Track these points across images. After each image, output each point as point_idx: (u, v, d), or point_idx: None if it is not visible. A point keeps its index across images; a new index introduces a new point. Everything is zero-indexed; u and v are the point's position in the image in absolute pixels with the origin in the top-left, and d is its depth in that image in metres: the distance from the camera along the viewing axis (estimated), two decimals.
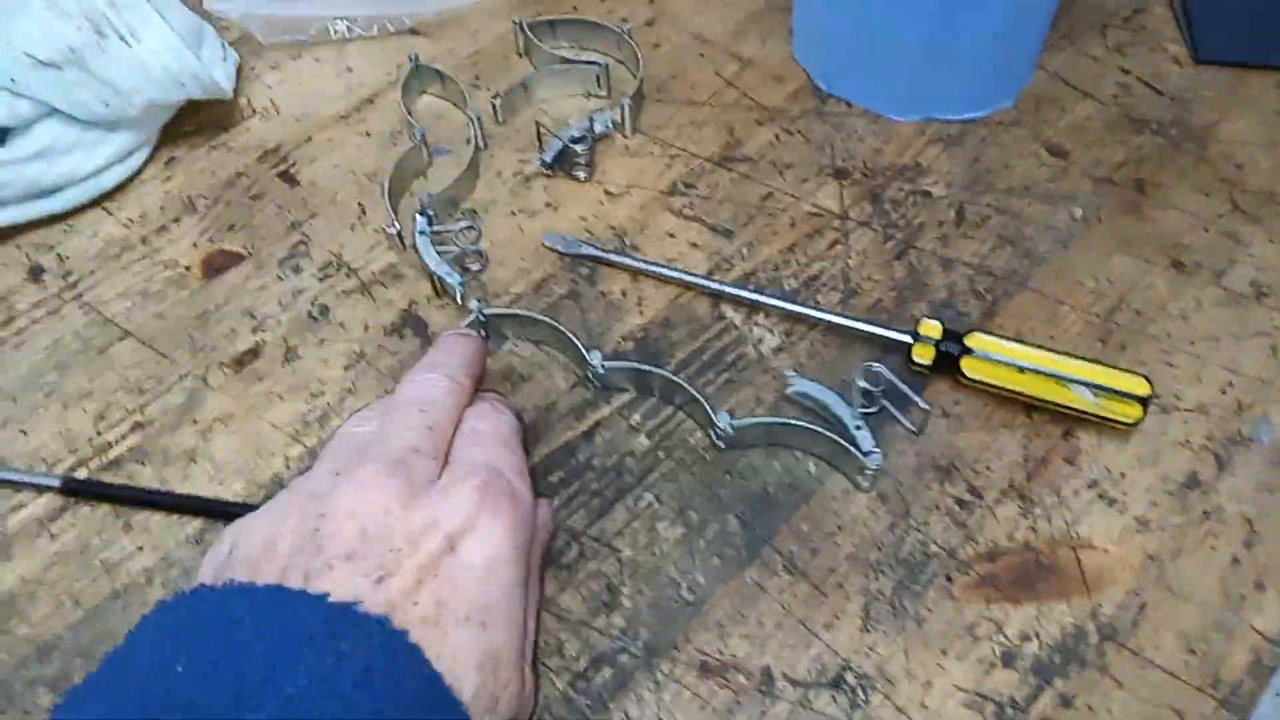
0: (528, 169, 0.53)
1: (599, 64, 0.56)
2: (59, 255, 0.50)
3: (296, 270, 0.49)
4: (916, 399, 0.42)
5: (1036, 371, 0.42)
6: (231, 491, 0.42)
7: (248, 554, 0.30)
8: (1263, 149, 0.53)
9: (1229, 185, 0.51)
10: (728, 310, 0.47)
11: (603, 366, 0.43)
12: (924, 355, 0.43)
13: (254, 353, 0.46)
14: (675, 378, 0.43)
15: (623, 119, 0.54)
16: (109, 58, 0.49)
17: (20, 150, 0.49)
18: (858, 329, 0.45)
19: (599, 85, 0.57)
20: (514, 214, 0.52)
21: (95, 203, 0.52)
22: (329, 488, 0.31)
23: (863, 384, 0.42)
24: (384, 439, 0.33)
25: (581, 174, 0.53)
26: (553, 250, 0.50)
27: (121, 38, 0.49)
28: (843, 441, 0.40)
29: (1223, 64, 0.58)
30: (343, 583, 0.28)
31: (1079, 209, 0.51)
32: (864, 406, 0.43)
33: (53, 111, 0.50)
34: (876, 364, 0.42)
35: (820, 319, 0.46)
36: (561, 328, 0.44)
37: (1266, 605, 0.38)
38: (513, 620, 0.31)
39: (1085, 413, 0.42)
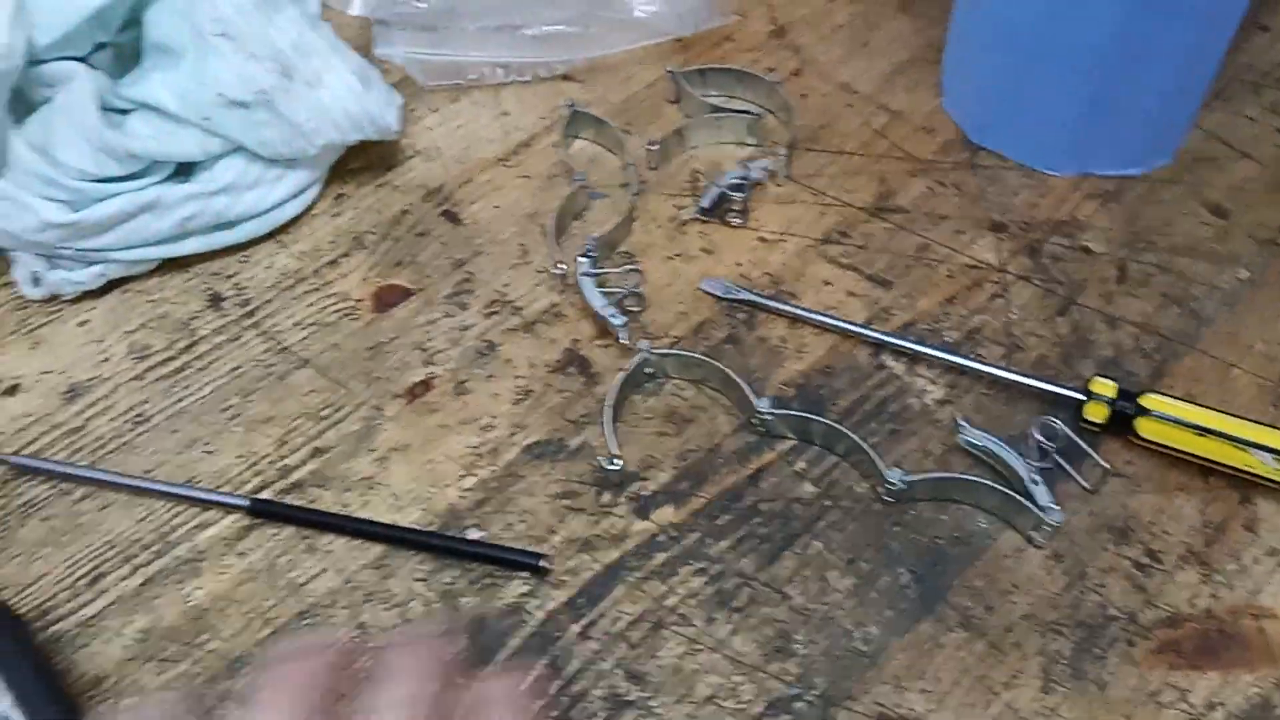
0: (683, 214, 0.54)
1: (754, 113, 0.57)
2: (236, 285, 0.52)
3: (463, 307, 0.51)
4: (1095, 456, 0.42)
5: (1216, 434, 0.41)
6: (409, 519, 0.43)
7: None
8: None
9: None
10: (888, 360, 0.48)
11: (771, 413, 0.44)
12: (1097, 414, 0.43)
13: (425, 385, 0.47)
14: (844, 429, 0.43)
15: (778, 168, 0.55)
16: (294, 100, 0.51)
17: (209, 184, 0.51)
18: (1027, 384, 0.45)
19: (750, 134, 0.58)
20: (670, 258, 0.53)
21: (271, 235, 0.54)
22: None
23: (1039, 438, 0.42)
24: None
25: (736, 220, 0.54)
26: (710, 295, 0.51)
27: (307, 82, 0.51)
28: (1019, 497, 0.40)
29: None
30: None
31: (1244, 270, 0.50)
32: (1039, 462, 0.42)
33: (238, 149, 0.52)
34: (1054, 420, 0.42)
35: (987, 372, 0.46)
36: (730, 372, 0.45)
37: None
38: None
39: (1264, 478, 0.41)
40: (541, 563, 0.40)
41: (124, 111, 0.52)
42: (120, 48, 0.54)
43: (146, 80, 0.51)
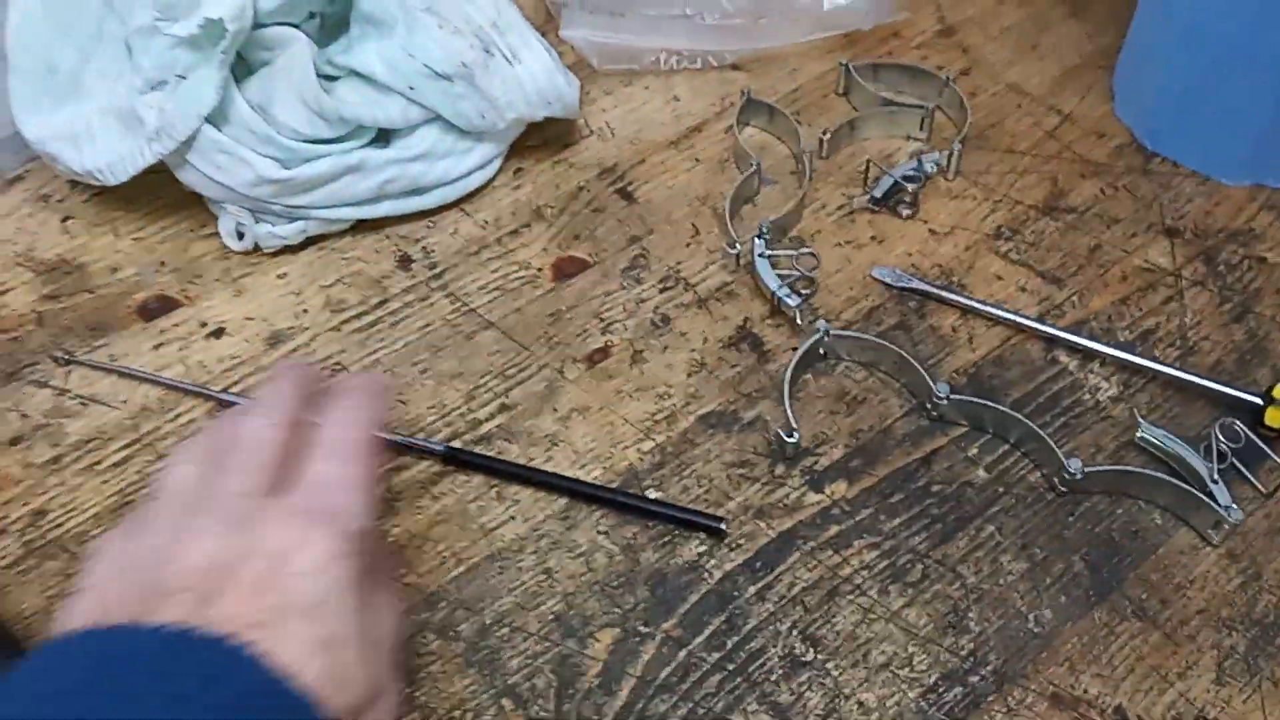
0: (853, 203, 0.56)
1: (925, 107, 0.58)
2: (425, 248, 0.55)
3: (638, 281, 0.53)
4: (1277, 459, 0.42)
5: None
6: (591, 475, 0.45)
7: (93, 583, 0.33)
8: None
9: None
10: (1062, 355, 0.48)
11: (947, 398, 0.45)
12: (1277, 419, 0.43)
13: (604, 352, 0.50)
14: (1021, 417, 0.44)
15: (949, 162, 0.56)
16: (492, 75, 0.53)
17: (406, 151, 0.54)
18: (1205, 386, 0.45)
19: (921, 128, 0.59)
20: (840, 245, 0.54)
21: (456, 203, 0.57)
22: (172, 538, 0.33)
23: (1221, 439, 0.42)
24: (218, 485, 0.35)
25: (906, 212, 0.55)
26: (881, 282, 0.52)
27: (505, 57, 0.54)
28: (1199, 494, 0.41)
29: None
30: (174, 611, 0.30)
31: None
32: (1217, 463, 0.43)
33: (435, 119, 0.55)
34: (1236, 422, 0.43)
35: (1164, 373, 0.46)
36: (907, 356, 0.46)
37: None
38: (345, 609, 0.32)
39: None
40: (721, 525, 0.42)
41: (331, 78, 0.55)
42: (327, 18, 0.57)
43: (358, 49, 0.54)
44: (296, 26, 0.54)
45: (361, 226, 0.56)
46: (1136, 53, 0.58)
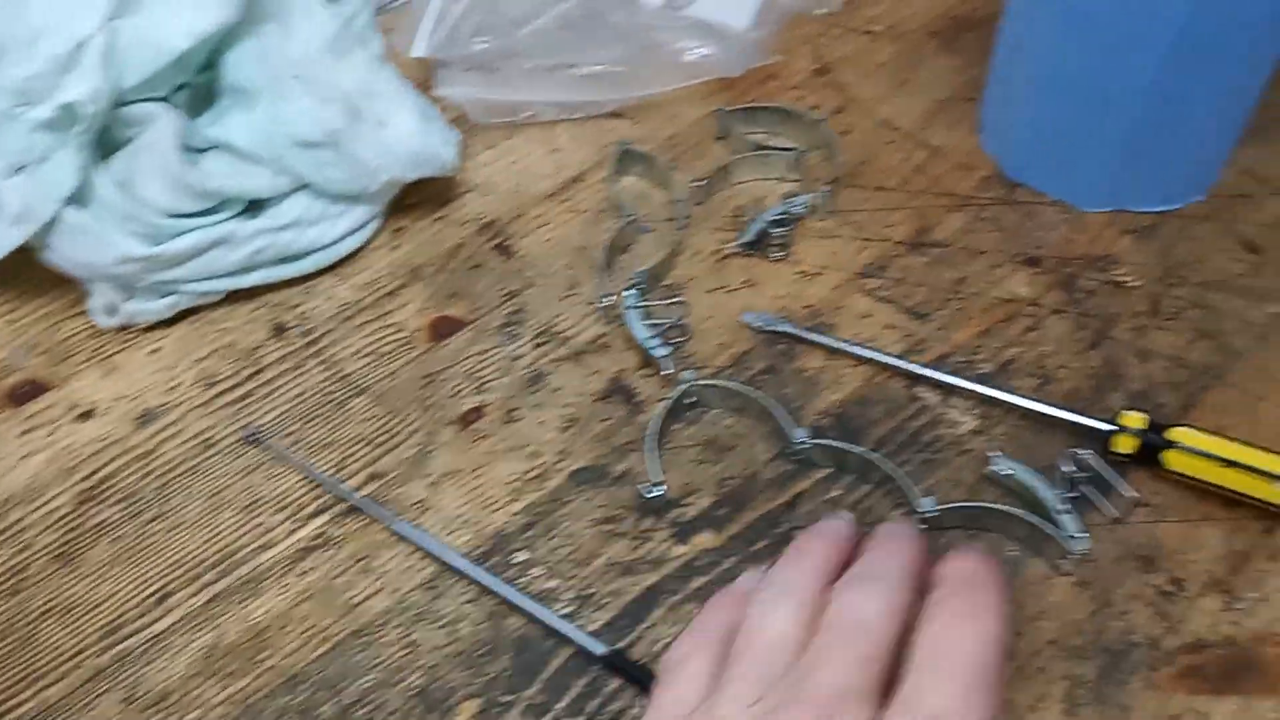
0: (726, 248, 0.56)
1: (797, 150, 0.59)
2: (300, 315, 0.55)
3: (514, 338, 0.53)
4: (1122, 487, 0.43)
5: (1242, 467, 0.42)
6: (460, 541, 0.45)
7: None
8: None
9: None
10: (923, 392, 0.49)
11: (806, 442, 0.45)
12: (1126, 446, 0.44)
13: (477, 413, 0.50)
14: (876, 458, 0.45)
15: (819, 203, 0.57)
16: (360, 140, 0.54)
17: (276, 219, 0.54)
18: (1057, 416, 0.46)
19: (793, 170, 0.60)
20: (713, 291, 0.55)
21: (332, 268, 0.57)
22: None
23: (1068, 469, 0.43)
24: (810, 671, 0.29)
25: (777, 255, 0.56)
26: (751, 327, 0.52)
27: (373, 122, 0.54)
28: (1047, 526, 0.41)
29: None
30: None
31: (1276, 306, 0.51)
32: (1067, 492, 0.44)
33: (305, 186, 0.55)
34: (1083, 451, 0.44)
35: (1019, 404, 0.47)
36: (766, 403, 0.47)
37: None
38: None
39: None
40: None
41: (200, 150, 0.55)
42: (198, 88, 0.57)
43: (224, 120, 0.54)
44: (164, 99, 0.55)
45: (236, 296, 0.56)
46: (996, 87, 0.59)
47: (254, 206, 0.56)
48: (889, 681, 0.29)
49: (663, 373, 0.50)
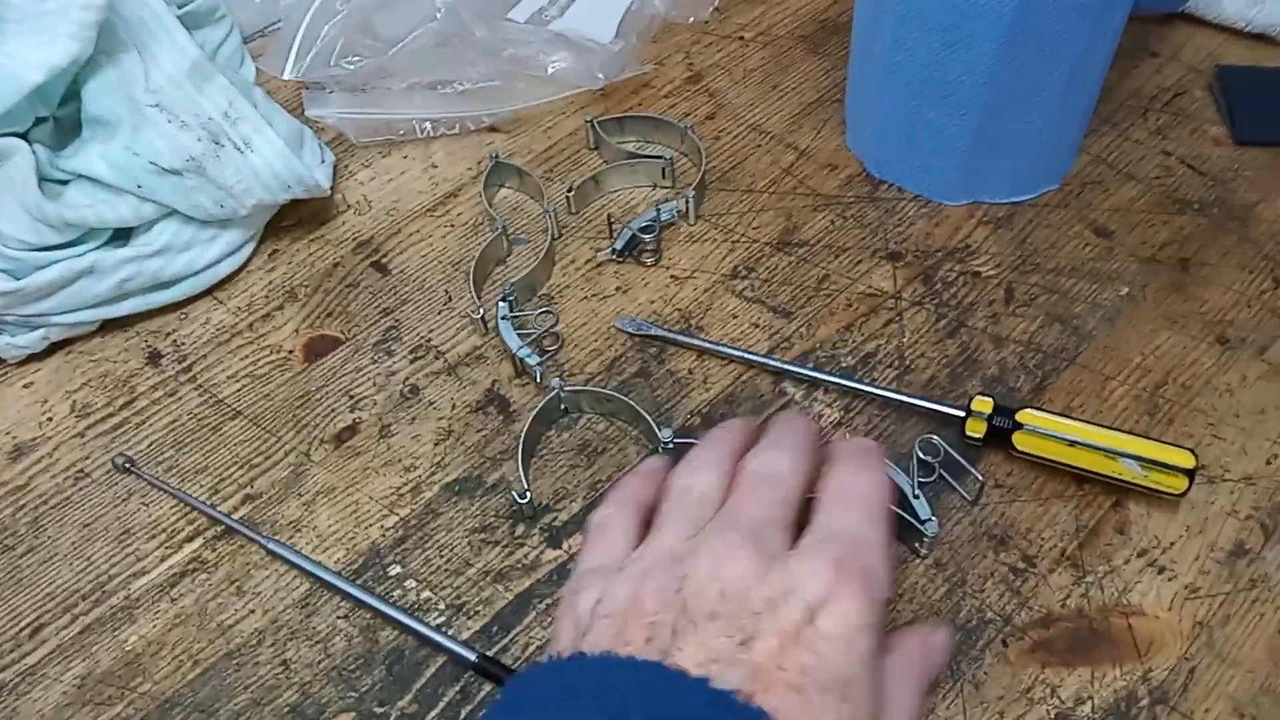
0: (599, 256, 0.57)
1: (664, 158, 0.60)
2: (175, 341, 0.55)
3: (389, 354, 0.53)
4: (972, 470, 0.44)
5: (1085, 446, 0.44)
6: (334, 558, 0.45)
7: (612, 608, 0.31)
8: None
9: (1271, 263, 0.54)
10: (789, 387, 0.51)
11: (672, 441, 0.47)
12: (977, 430, 0.46)
13: (352, 430, 0.50)
14: None
15: (687, 208, 0.58)
16: (224, 165, 0.54)
17: (144, 247, 0.54)
18: (913, 404, 0.48)
19: (664, 177, 0.61)
20: (586, 298, 0.55)
21: (207, 292, 0.57)
22: (687, 550, 0.32)
23: (921, 455, 0.45)
24: (734, 508, 0.33)
25: (649, 260, 0.57)
26: (623, 332, 0.53)
27: (236, 147, 0.54)
28: (901, 512, 0.43)
29: (1263, 145, 0.60)
30: (707, 642, 0.28)
31: (1125, 288, 0.53)
32: (922, 477, 0.45)
33: (173, 212, 0.55)
34: (934, 437, 0.45)
35: (877, 394, 0.48)
36: (634, 405, 0.48)
37: None
38: (871, 696, 0.29)
39: (1133, 484, 0.44)
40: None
41: (64, 182, 0.55)
42: (61, 120, 0.57)
43: (84, 152, 0.54)
44: (24, 135, 0.54)
45: (111, 326, 0.55)
46: (855, 88, 0.61)
47: (123, 236, 0.55)
48: (800, 528, 0.33)
49: (534, 381, 0.51)
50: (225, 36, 0.66)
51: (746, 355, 0.51)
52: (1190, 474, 0.43)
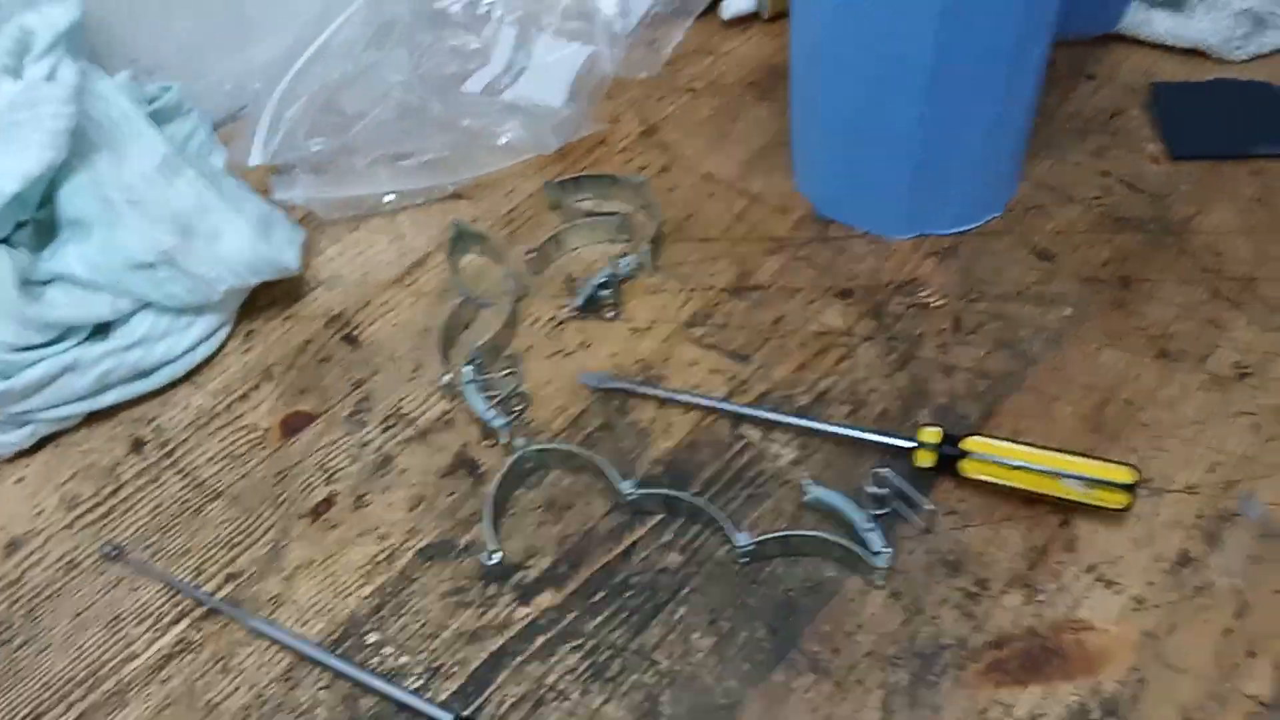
0: (562, 314, 0.59)
1: (619, 214, 0.62)
2: (157, 427, 0.57)
3: (362, 424, 0.55)
4: (921, 501, 0.46)
5: (1029, 469, 0.45)
6: (315, 630, 0.47)
7: None
8: (1240, 236, 0.57)
9: (1209, 274, 0.55)
10: (747, 430, 0.52)
11: (634, 493, 0.48)
12: (926, 459, 0.48)
13: (328, 503, 0.52)
14: (695, 500, 0.47)
15: (644, 261, 0.60)
16: (195, 255, 0.56)
17: (123, 340, 0.56)
18: (865, 438, 0.49)
19: (621, 232, 0.63)
20: (550, 357, 0.57)
21: (186, 377, 0.59)
22: None
23: (871, 489, 0.46)
24: None
25: (610, 314, 0.59)
26: (587, 387, 0.55)
27: (206, 237, 0.56)
28: (854, 545, 0.44)
29: (1198, 158, 0.62)
30: None
31: (1068, 308, 0.55)
32: (877, 509, 0.47)
33: (149, 303, 0.57)
34: (884, 469, 0.47)
35: (831, 432, 0.50)
36: (595, 460, 0.50)
37: (1258, 672, 0.41)
38: None
39: (1080, 502, 0.45)
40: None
41: (44, 283, 0.57)
42: (39, 223, 0.59)
43: (61, 253, 0.56)
44: (6, 239, 0.57)
45: (95, 417, 0.57)
46: (799, 133, 0.63)
47: (103, 329, 0.57)
48: None
49: (501, 442, 0.53)
50: (194, 129, 0.68)
51: (705, 401, 0.53)
52: (1132, 489, 0.44)
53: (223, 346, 0.60)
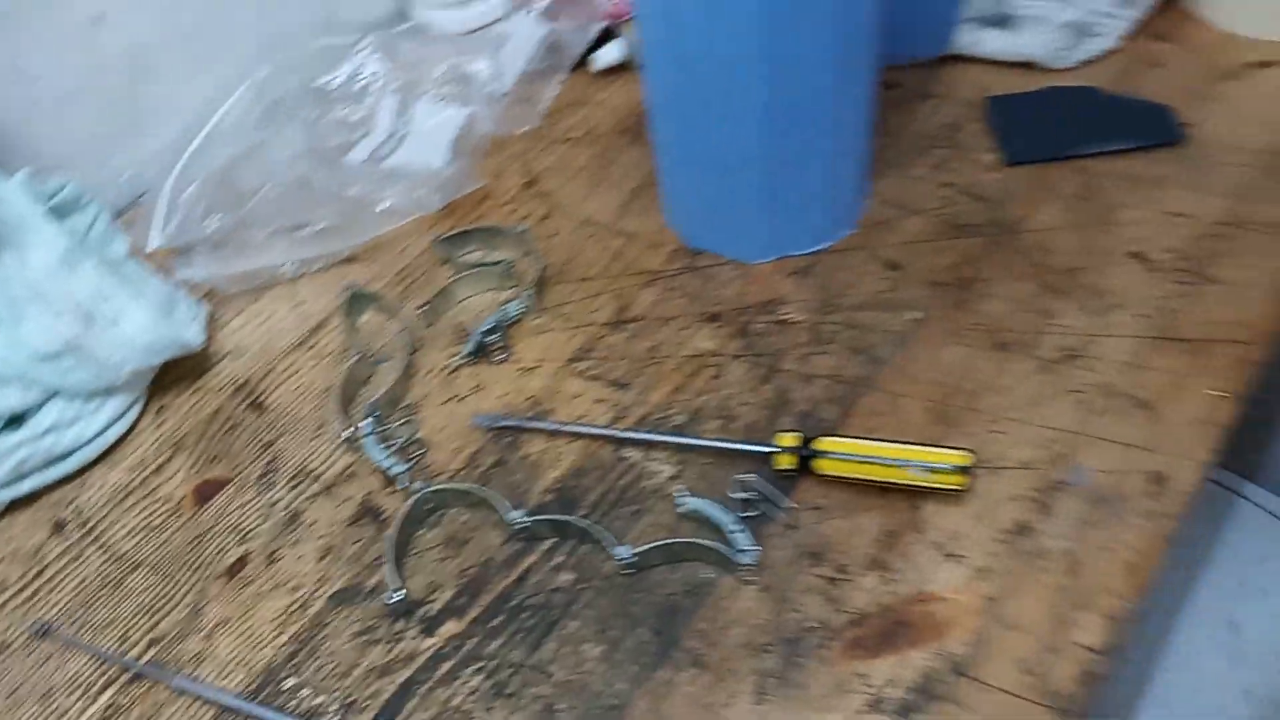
0: (454, 362, 0.63)
1: (504, 262, 0.66)
2: (76, 508, 0.60)
3: (271, 485, 0.59)
4: (779, 500, 0.50)
5: (876, 461, 0.50)
6: (235, 681, 0.50)
7: None
8: (1066, 231, 0.62)
9: (1038, 268, 0.61)
10: (629, 452, 0.56)
11: (524, 521, 0.52)
12: (786, 462, 0.52)
13: (242, 562, 0.55)
14: (581, 522, 0.51)
15: (529, 304, 0.64)
16: (98, 341, 0.59)
17: (35, 429, 0.59)
18: (732, 448, 0.54)
19: (507, 279, 0.67)
20: (445, 403, 0.61)
21: (102, 457, 0.62)
22: None
23: (737, 494, 0.50)
24: None
25: (499, 358, 0.63)
26: (481, 428, 0.59)
27: (107, 322, 0.60)
28: (723, 547, 0.49)
29: (1030, 163, 0.67)
30: None
31: (916, 312, 0.60)
32: (744, 512, 0.51)
33: (57, 393, 0.60)
34: (748, 475, 0.51)
35: (702, 445, 0.54)
36: (488, 495, 0.53)
37: (1089, 623, 0.45)
38: None
39: (924, 486, 0.50)
40: None
41: None
42: None
43: None
44: None
45: (16, 504, 0.60)
46: (662, 170, 0.68)
47: (16, 420, 0.60)
48: None
49: (400, 488, 0.56)
50: (94, 219, 0.71)
51: (590, 430, 0.57)
52: (967, 470, 0.49)
53: (135, 424, 0.63)
